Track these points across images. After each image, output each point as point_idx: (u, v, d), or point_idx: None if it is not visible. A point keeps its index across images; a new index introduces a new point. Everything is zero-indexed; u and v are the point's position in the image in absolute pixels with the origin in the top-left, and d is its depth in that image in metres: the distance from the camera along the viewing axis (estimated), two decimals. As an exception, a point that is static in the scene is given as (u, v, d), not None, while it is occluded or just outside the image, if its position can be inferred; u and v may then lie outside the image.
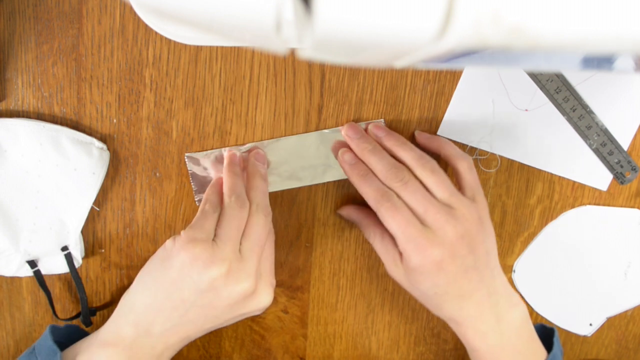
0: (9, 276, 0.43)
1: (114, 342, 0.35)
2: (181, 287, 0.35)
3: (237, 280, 0.35)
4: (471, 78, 0.43)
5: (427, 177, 0.38)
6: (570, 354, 0.51)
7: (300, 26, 0.18)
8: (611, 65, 0.26)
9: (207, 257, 0.34)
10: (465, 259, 0.36)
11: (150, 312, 0.35)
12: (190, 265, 0.34)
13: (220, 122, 0.42)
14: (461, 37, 0.16)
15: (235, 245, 0.35)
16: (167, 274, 0.35)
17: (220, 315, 0.36)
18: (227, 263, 0.34)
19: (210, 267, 0.34)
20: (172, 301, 0.35)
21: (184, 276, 0.34)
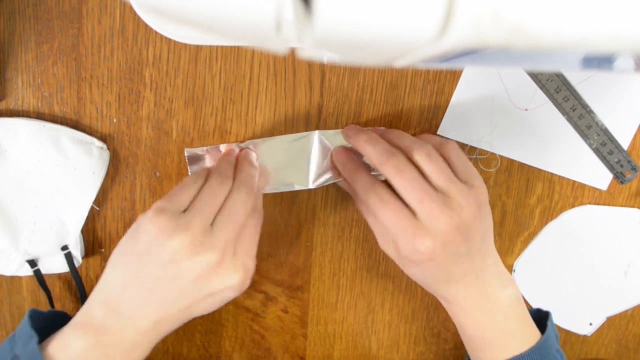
0: (9, 276, 0.43)
1: (84, 323, 0.34)
2: (146, 261, 0.33)
3: (198, 252, 0.33)
4: (471, 78, 0.43)
5: (423, 162, 0.36)
6: (570, 353, 0.51)
7: (300, 26, 0.18)
8: (611, 65, 0.26)
9: (172, 227, 0.32)
10: (458, 247, 0.36)
11: (118, 289, 0.34)
12: (155, 236, 0.33)
13: (220, 122, 0.42)
14: (461, 36, 0.16)
15: (205, 218, 0.34)
16: (135, 248, 0.34)
17: (186, 294, 0.34)
18: (190, 234, 0.32)
19: (172, 237, 0.32)
20: (139, 277, 0.34)
21: (149, 249, 0.33)
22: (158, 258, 0.33)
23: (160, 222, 0.32)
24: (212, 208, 0.35)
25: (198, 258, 0.33)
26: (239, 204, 0.36)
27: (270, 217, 0.45)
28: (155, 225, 0.33)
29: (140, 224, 0.34)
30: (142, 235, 0.33)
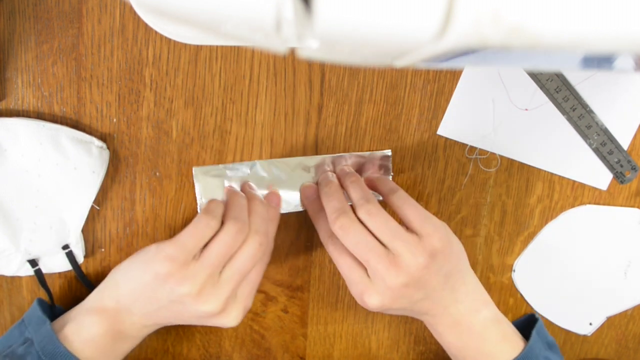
0: (10, 275, 0.43)
1: (99, 310, 0.38)
2: (155, 290, 0.37)
3: (204, 302, 0.36)
4: (471, 78, 0.43)
5: (366, 220, 0.37)
6: (570, 353, 0.51)
7: (300, 25, 0.18)
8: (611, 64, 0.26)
9: (180, 277, 0.35)
10: (411, 297, 0.37)
11: (130, 295, 0.38)
12: (164, 279, 0.36)
13: (220, 122, 0.42)
14: (461, 36, 0.16)
15: (214, 270, 0.36)
16: (146, 274, 0.37)
17: (189, 320, 0.38)
18: (198, 286, 0.35)
19: (181, 286, 0.35)
20: (148, 297, 0.37)
21: (159, 284, 0.36)
22: (165, 294, 0.36)
23: (169, 270, 0.36)
24: (222, 260, 0.37)
25: (202, 307, 0.36)
26: (249, 256, 0.37)
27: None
28: (164, 269, 0.36)
29: (152, 260, 0.36)
30: (152, 271, 0.36)
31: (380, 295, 0.37)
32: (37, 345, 0.36)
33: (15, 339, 0.38)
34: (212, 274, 0.36)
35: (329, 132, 0.44)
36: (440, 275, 0.37)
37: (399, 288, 0.36)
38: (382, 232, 0.36)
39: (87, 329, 0.38)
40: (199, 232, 0.36)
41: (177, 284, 0.35)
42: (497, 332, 0.40)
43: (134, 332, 0.39)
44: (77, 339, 0.37)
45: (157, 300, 0.37)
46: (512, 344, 0.40)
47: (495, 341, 0.39)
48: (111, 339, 0.38)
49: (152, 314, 0.38)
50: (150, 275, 0.36)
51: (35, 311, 0.39)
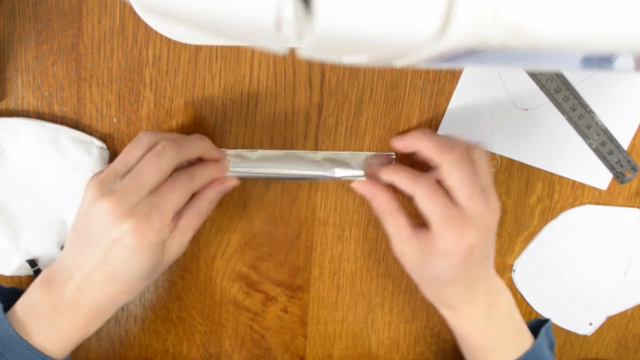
0: (9, 275, 0.43)
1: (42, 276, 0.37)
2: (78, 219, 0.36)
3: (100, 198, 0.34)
4: (471, 78, 0.43)
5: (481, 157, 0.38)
6: (570, 353, 0.51)
7: (300, 25, 0.18)
8: (611, 64, 0.26)
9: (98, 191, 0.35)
10: (487, 248, 0.38)
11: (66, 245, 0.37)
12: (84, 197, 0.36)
13: (220, 122, 0.42)
14: (461, 36, 0.16)
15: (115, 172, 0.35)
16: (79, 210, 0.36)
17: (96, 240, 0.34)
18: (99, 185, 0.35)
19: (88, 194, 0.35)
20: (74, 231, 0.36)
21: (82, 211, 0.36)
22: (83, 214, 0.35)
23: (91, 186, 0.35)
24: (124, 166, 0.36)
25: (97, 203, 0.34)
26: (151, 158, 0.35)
27: (270, 217, 0.45)
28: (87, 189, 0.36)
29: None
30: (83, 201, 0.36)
31: (477, 233, 0.36)
32: None
33: None
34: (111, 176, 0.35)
35: (329, 132, 0.44)
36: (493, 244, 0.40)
37: (490, 229, 0.38)
38: (486, 174, 0.38)
39: (28, 297, 0.36)
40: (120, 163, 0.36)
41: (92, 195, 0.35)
42: (516, 316, 0.41)
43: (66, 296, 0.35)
44: (20, 309, 0.36)
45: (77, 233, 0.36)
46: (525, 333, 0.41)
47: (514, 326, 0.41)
48: (48, 305, 0.35)
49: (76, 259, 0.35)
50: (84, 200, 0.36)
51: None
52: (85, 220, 0.35)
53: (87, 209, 0.35)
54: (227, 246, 0.45)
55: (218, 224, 0.45)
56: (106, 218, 0.34)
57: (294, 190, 0.45)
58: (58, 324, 0.36)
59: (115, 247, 0.34)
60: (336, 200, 0.45)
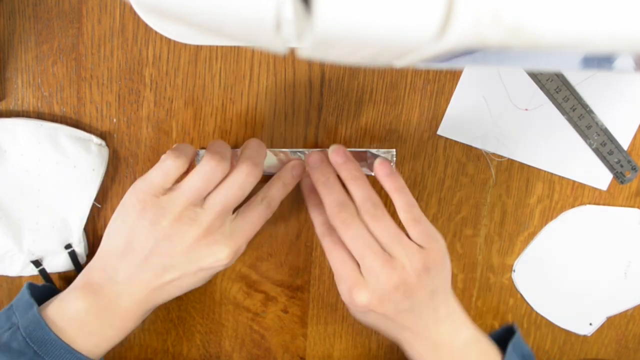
0: (14, 276, 0.43)
1: (83, 285, 0.36)
2: (137, 234, 0.35)
3: (187, 228, 0.35)
4: (471, 78, 0.43)
5: (369, 221, 0.37)
6: (570, 353, 0.51)
7: (300, 25, 0.18)
8: (611, 64, 0.26)
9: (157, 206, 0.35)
10: (398, 304, 0.37)
11: (113, 257, 0.36)
12: (140, 215, 0.35)
13: (220, 122, 0.42)
14: (461, 36, 0.16)
15: (191, 198, 0.35)
16: (125, 222, 0.36)
17: (178, 265, 0.36)
18: (177, 212, 0.35)
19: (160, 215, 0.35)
20: (132, 247, 0.36)
21: (138, 225, 0.35)
22: (148, 233, 0.35)
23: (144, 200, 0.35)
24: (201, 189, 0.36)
25: (184, 234, 0.35)
26: (236, 184, 0.36)
27: (270, 217, 0.45)
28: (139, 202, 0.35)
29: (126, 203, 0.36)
30: (129, 213, 0.36)
31: (370, 293, 0.36)
32: (23, 331, 0.34)
33: (2, 323, 0.36)
34: (189, 203, 0.35)
35: (329, 132, 0.44)
36: (428, 290, 0.37)
37: (390, 289, 0.36)
38: (383, 236, 0.37)
39: (69, 306, 0.36)
40: (165, 168, 0.36)
41: (155, 213, 0.35)
42: (477, 351, 0.39)
43: (120, 309, 0.36)
44: (60, 318, 0.35)
45: (140, 247, 0.35)
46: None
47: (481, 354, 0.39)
48: (95, 316, 0.36)
49: (138, 273, 0.36)
50: (130, 219, 0.35)
51: (23, 295, 0.37)
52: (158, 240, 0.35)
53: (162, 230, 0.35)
54: (227, 246, 0.45)
55: (218, 224, 0.45)
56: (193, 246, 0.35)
57: (294, 190, 0.45)
58: (106, 333, 0.36)
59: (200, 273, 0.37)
60: (336, 200, 0.45)
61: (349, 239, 0.37)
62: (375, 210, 0.37)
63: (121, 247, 0.36)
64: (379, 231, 0.37)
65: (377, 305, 0.37)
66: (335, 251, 0.38)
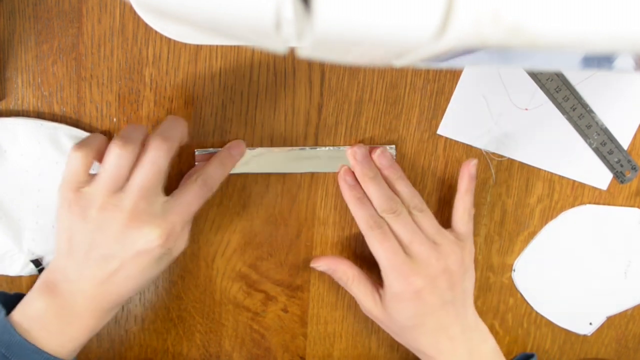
0: (14, 276, 0.43)
1: (43, 285, 0.36)
2: (73, 230, 0.35)
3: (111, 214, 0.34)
4: (471, 77, 0.43)
5: (416, 215, 0.41)
6: (570, 353, 0.51)
7: (299, 25, 0.18)
8: (611, 64, 0.26)
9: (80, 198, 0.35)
10: (444, 293, 0.39)
11: (62, 256, 0.36)
12: (68, 209, 0.35)
13: (220, 122, 0.42)
14: (461, 36, 0.16)
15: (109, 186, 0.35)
16: (62, 220, 0.36)
17: (115, 253, 0.35)
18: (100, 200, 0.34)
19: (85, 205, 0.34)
20: (72, 244, 0.35)
21: (71, 221, 0.35)
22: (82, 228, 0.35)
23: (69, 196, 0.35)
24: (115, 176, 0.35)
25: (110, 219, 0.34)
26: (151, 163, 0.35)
27: (270, 217, 0.45)
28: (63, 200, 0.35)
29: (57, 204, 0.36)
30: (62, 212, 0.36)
31: (423, 278, 0.39)
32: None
33: None
34: (109, 190, 0.34)
35: (329, 132, 0.44)
36: (462, 287, 0.41)
37: (439, 272, 0.39)
38: (429, 227, 0.41)
39: (30, 307, 0.36)
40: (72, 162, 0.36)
41: (80, 207, 0.34)
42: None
43: (76, 307, 0.36)
44: (24, 320, 0.35)
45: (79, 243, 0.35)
46: None
47: None
48: (54, 315, 0.35)
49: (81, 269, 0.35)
50: (63, 216, 0.35)
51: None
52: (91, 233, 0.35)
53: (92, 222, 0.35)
54: (227, 246, 0.45)
55: (218, 223, 0.45)
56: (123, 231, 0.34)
57: (294, 190, 0.45)
58: (68, 332, 0.36)
59: (138, 257, 0.35)
60: (336, 200, 0.45)
61: (400, 227, 0.40)
62: (422, 206, 0.42)
63: (65, 246, 0.36)
64: (425, 224, 0.41)
65: (428, 289, 0.39)
66: (387, 242, 0.40)
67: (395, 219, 0.40)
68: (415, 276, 0.39)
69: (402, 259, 0.39)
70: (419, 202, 0.41)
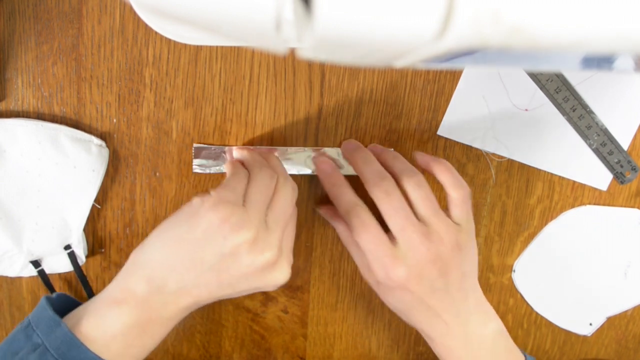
0: (13, 276, 0.43)
1: (124, 298, 0.33)
2: (204, 248, 0.33)
3: (261, 250, 0.33)
4: (471, 78, 0.43)
5: (411, 190, 0.37)
6: (570, 353, 0.51)
7: (300, 26, 0.18)
8: (611, 65, 0.26)
9: (237, 221, 0.32)
10: (434, 281, 0.36)
11: (165, 268, 0.33)
12: (218, 226, 0.33)
13: (220, 122, 0.42)
14: (461, 36, 0.16)
15: (262, 213, 0.34)
16: (192, 232, 0.33)
17: (235, 284, 0.34)
18: (255, 230, 0.33)
19: (238, 232, 0.32)
20: (192, 261, 0.33)
21: (209, 237, 0.33)
22: (217, 248, 0.33)
23: (225, 213, 0.33)
24: (266, 202, 0.35)
25: (259, 256, 0.33)
26: (287, 200, 0.36)
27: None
28: (218, 214, 0.33)
29: (200, 210, 0.34)
30: (202, 222, 0.33)
31: (407, 268, 0.36)
32: (54, 352, 0.31)
33: (21, 344, 0.32)
34: (261, 218, 0.34)
35: (329, 132, 0.44)
36: (460, 271, 0.37)
37: (427, 263, 0.35)
38: (424, 204, 0.37)
39: (111, 323, 0.33)
40: (240, 178, 0.35)
41: (233, 230, 0.32)
42: (505, 345, 0.39)
43: (165, 318, 0.34)
44: (99, 337, 0.32)
45: (202, 262, 0.33)
46: (517, 357, 0.39)
47: (503, 355, 0.39)
48: (140, 330, 0.33)
49: (190, 287, 0.33)
50: (200, 229, 0.33)
51: (44, 311, 0.33)
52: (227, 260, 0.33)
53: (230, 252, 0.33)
54: (227, 246, 0.45)
55: (218, 224, 0.45)
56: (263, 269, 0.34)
57: (294, 190, 0.45)
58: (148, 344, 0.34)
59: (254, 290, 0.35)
60: (336, 200, 0.45)
61: (391, 210, 0.36)
62: (418, 178, 0.37)
63: (177, 259, 0.33)
64: (419, 201, 0.37)
65: (414, 280, 0.36)
66: (367, 229, 0.37)
67: (386, 199, 0.36)
68: (398, 268, 0.36)
69: (385, 249, 0.36)
70: (413, 174, 0.37)
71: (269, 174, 0.36)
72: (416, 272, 0.36)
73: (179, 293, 0.34)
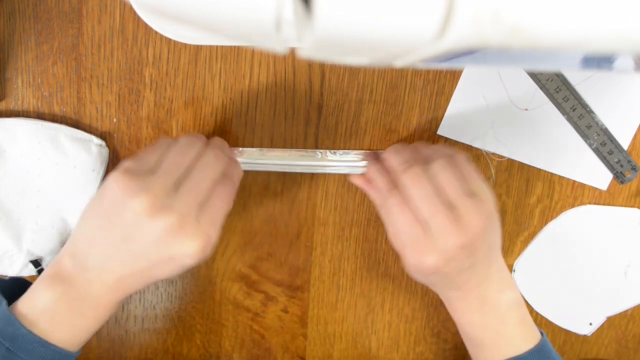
0: (13, 276, 0.43)
1: (52, 274, 0.34)
2: (110, 219, 0.33)
3: (158, 214, 0.32)
4: (471, 78, 0.43)
5: (440, 171, 0.37)
6: (570, 353, 0.51)
7: (300, 26, 0.18)
8: (611, 64, 0.26)
9: (135, 188, 0.32)
10: (462, 262, 0.37)
11: (86, 244, 0.34)
12: (119, 196, 0.32)
13: (220, 122, 0.42)
14: (461, 36, 0.16)
15: (168, 179, 0.33)
16: (100, 204, 0.34)
17: (146, 254, 0.33)
18: (151, 195, 0.32)
19: (135, 198, 0.32)
20: (103, 233, 0.33)
21: (113, 207, 0.33)
22: (121, 218, 0.33)
23: (124, 182, 0.32)
24: (177, 169, 0.34)
25: (157, 221, 0.32)
26: (207, 166, 0.35)
27: (270, 217, 0.45)
28: (118, 185, 0.32)
29: (106, 182, 0.34)
30: (107, 194, 0.33)
31: (438, 255, 0.36)
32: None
33: None
34: (165, 184, 0.33)
35: (329, 132, 0.44)
36: (486, 245, 0.37)
37: (457, 249, 0.36)
38: (453, 186, 0.36)
39: (40, 298, 0.34)
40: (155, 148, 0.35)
41: (130, 197, 0.32)
42: (518, 315, 0.39)
43: (93, 296, 0.34)
44: (30, 312, 0.33)
45: (111, 233, 0.33)
46: (530, 330, 0.40)
47: (514, 324, 0.39)
48: (67, 307, 0.34)
49: (109, 260, 0.34)
50: (107, 201, 0.33)
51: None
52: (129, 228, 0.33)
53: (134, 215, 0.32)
54: (227, 246, 0.45)
55: (218, 224, 0.45)
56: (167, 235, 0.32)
57: (294, 190, 0.45)
58: (78, 323, 0.34)
59: (171, 262, 0.34)
60: (336, 200, 0.45)
61: (419, 195, 0.36)
62: (443, 160, 0.37)
63: (94, 234, 0.34)
64: (447, 182, 0.36)
65: (442, 266, 0.36)
66: (404, 213, 0.37)
67: (416, 186, 0.36)
68: (428, 254, 0.36)
69: (418, 234, 0.36)
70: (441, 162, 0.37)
71: (188, 142, 0.35)
72: (445, 258, 0.36)
73: (100, 269, 0.34)
